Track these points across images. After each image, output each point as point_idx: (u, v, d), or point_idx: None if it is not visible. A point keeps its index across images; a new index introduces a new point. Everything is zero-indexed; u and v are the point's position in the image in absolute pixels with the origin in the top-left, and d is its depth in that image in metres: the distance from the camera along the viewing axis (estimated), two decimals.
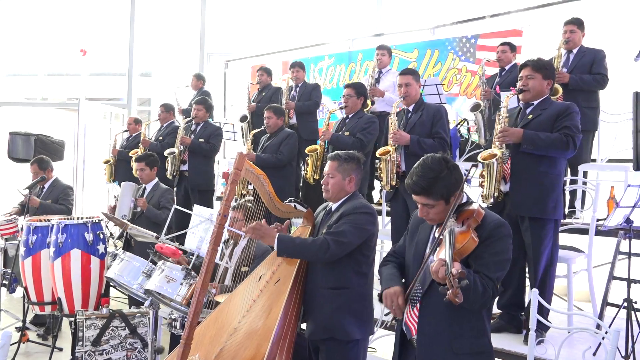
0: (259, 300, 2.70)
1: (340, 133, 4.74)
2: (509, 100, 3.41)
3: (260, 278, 2.85)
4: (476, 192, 3.61)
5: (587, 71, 4.49)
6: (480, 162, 3.28)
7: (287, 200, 2.85)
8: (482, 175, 3.33)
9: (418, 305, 2.17)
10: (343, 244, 2.58)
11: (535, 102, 3.27)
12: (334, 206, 2.79)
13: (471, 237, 1.99)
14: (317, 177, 4.73)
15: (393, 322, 2.98)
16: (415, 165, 2.17)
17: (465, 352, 2.08)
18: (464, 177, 2.15)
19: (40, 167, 5.28)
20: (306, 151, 4.89)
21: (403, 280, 2.28)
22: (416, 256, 2.24)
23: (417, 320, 2.17)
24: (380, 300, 2.23)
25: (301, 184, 5.25)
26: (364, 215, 2.65)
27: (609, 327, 2.59)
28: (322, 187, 2.83)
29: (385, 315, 3.44)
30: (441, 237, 2.03)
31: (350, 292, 2.68)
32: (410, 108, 4.07)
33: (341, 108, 4.82)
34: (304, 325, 2.88)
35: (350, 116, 4.77)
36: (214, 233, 2.43)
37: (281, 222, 2.93)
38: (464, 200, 2.17)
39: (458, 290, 1.80)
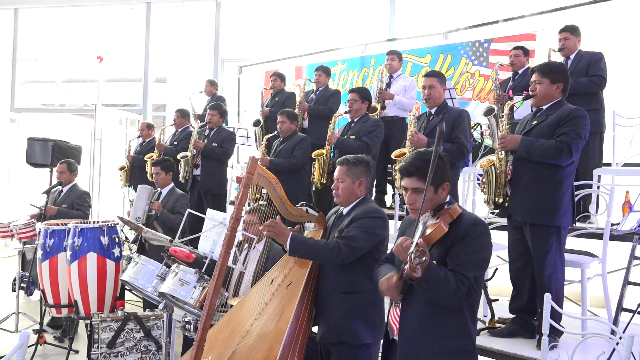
0: (271, 303, 2.72)
1: (345, 137, 4.73)
2: (509, 107, 3.42)
3: (273, 281, 2.87)
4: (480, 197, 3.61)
5: (585, 74, 4.46)
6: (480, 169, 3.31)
7: (298, 205, 2.88)
8: (482, 182, 3.33)
9: (400, 305, 2.19)
10: (354, 248, 2.60)
11: (545, 107, 3.23)
12: (345, 210, 2.80)
13: (440, 226, 2.04)
14: (325, 182, 4.72)
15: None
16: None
17: (446, 351, 2.09)
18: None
19: (68, 168, 5.39)
20: (312, 155, 4.87)
21: None
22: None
23: (398, 320, 2.19)
24: None
25: (313, 189, 5.27)
26: (374, 220, 2.67)
27: (624, 332, 2.56)
28: (333, 192, 2.84)
29: None
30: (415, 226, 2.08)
31: (361, 296, 2.69)
32: (433, 111, 3.97)
33: (346, 112, 4.84)
34: (315, 329, 2.90)
35: (355, 120, 4.77)
36: (226, 236, 2.46)
37: (293, 226, 2.95)
38: (447, 200, 2.22)
39: (416, 266, 1.84)
